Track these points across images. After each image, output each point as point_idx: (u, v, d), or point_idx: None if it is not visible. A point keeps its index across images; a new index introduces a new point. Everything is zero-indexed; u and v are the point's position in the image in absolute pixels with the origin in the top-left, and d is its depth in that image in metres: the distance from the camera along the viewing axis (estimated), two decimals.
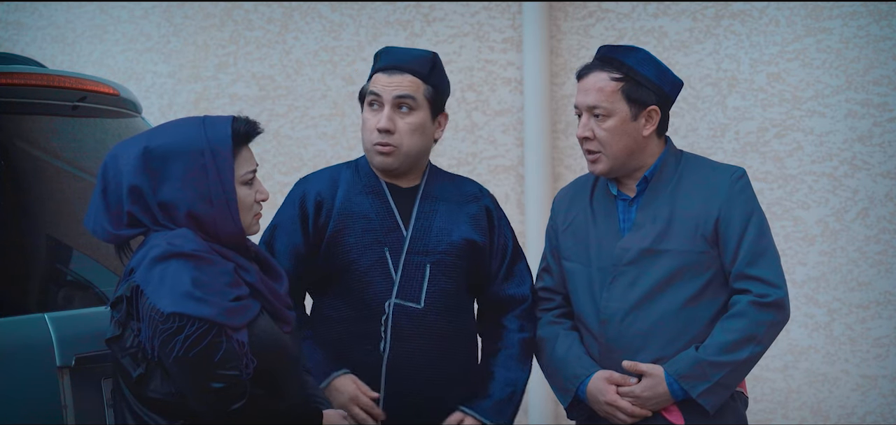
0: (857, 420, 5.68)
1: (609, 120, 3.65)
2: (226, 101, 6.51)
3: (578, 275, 3.76)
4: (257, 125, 3.31)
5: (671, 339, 3.62)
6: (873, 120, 5.63)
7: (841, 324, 5.68)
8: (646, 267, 3.64)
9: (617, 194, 3.74)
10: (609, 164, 3.68)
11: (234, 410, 3.12)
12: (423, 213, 3.79)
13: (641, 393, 3.61)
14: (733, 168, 3.73)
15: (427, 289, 3.74)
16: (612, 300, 3.67)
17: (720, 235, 3.64)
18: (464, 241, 3.78)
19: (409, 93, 3.73)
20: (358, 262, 3.74)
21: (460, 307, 3.81)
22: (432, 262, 3.75)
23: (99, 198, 3.25)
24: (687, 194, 3.67)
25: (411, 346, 3.72)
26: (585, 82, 3.69)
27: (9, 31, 6.89)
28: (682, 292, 3.63)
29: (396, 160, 3.76)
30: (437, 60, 3.81)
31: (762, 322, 3.60)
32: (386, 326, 3.72)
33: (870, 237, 5.64)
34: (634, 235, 3.67)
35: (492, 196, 3.93)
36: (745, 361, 3.60)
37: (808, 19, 5.71)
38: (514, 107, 6.13)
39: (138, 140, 3.26)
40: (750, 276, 3.62)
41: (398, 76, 3.74)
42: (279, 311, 3.33)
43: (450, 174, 3.94)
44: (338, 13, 6.36)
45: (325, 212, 3.79)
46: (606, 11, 5.99)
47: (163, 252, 3.14)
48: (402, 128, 3.73)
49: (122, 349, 3.19)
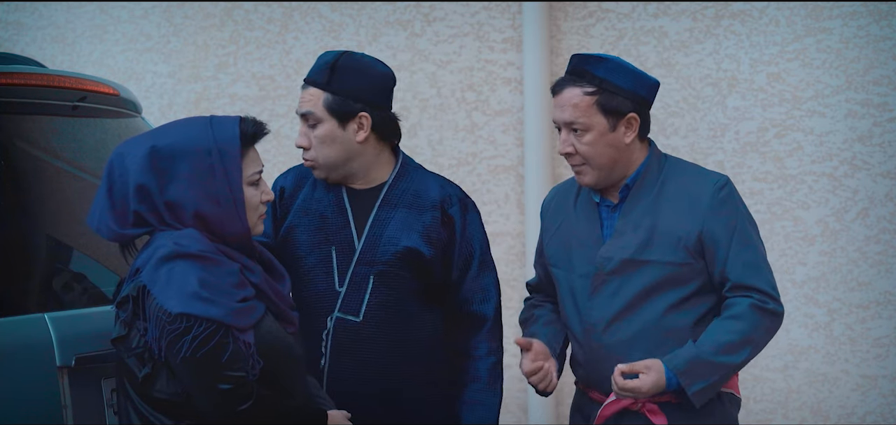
0: (857, 420, 5.68)
1: (588, 134, 3.62)
2: (226, 101, 6.51)
3: (563, 281, 3.76)
4: (264, 126, 3.32)
5: (653, 348, 3.61)
6: (873, 120, 5.63)
7: (841, 324, 5.68)
8: (629, 277, 3.63)
9: (600, 200, 3.73)
10: (595, 176, 3.66)
11: (242, 411, 3.12)
12: (377, 221, 3.71)
13: (642, 387, 3.58)
14: (716, 177, 3.68)
15: (368, 301, 3.66)
16: (595, 309, 3.67)
17: (706, 248, 3.62)
18: (407, 251, 3.67)
19: (307, 109, 3.66)
20: (305, 259, 3.70)
21: (406, 319, 3.69)
22: (376, 273, 3.67)
23: (104, 196, 3.25)
24: (669, 203, 3.65)
25: (348, 361, 3.65)
26: (560, 98, 3.66)
27: (9, 31, 6.89)
28: (665, 302, 3.62)
29: (322, 171, 3.70)
30: (338, 62, 3.67)
31: (760, 326, 3.60)
32: (326, 341, 3.65)
33: (870, 237, 5.64)
34: (616, 243, 3.66)
35: (464, 203, 3.79)
36: (740, 363, 3.61)
37: (808, 19, 5.71)
38: (514, 108, 6.13)
39: (144, 139, 3.26)
40: (747, 286, 3.61)
41: (304, 90, 3.69)
42: (283, 312, 3.33)
43: (423, 173, 3.81)
44: (338, 13, 6.36)
45: (284, 205, 3.78)
46: (606, 11, 5.99)
47: (170, 252, 3.14)
48: (314, 142, 3.68)
49: (128, 349, 3.18)
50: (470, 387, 3.74)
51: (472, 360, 3.75)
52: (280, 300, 3.32)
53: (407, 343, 3.70)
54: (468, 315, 3.76)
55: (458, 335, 3.77)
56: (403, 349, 3.69)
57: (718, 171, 4.02)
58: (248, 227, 3.26)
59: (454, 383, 3.76)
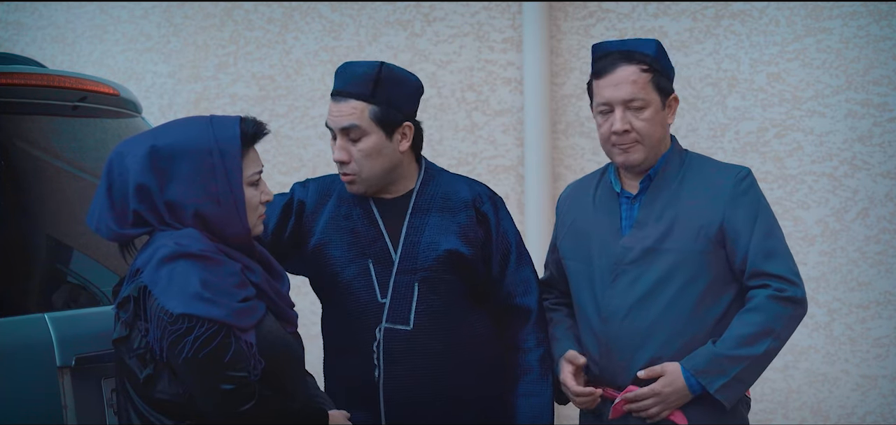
0: (857, 420, 5.68)
1: (646, 110, 3.64)
2: (226, 101, 6.51)
3: (580, 274, 3.75)
4: (264, 126, 3.31)
5: (669, 338, 3.61)
6: (873, 120, 5.63)
7: (841, 324, 5.68)
8: (648, 265, 3.64)
9: (620, 191, 3.74)
10: (645, 154, 3.66)
11: (244, 412, 3.11)
12: (412, 228, 3.71)
13: (662, 390, 3.59)
14: (738, 168, 3.71)
15: (416, 308, 3.66)
16: (614, 297, 3.66)
17: (727, 238, 3.63)
18: (448, 254, 3.68)
19: (351, 122, 3.60)
20: (342, 274, 3.69)
21: (455, 322, 3.71)
22: (420, 280, 3.67)
23: (103, 196, 3.24)
24: (691, 194, 3.66)
25: (403, 369, 3.65)
26: (614, 77, 3.65)
27: (9, 31, 6.89)
28: (683, 291, 3.62)
29: (362, 186, 3.68)
30: (381, 74, 3.63)
31: (781, 316, 3.59)
32: (378, 352, 3.65)
33: (870, 237, 5.64)
34: (637, 233, 3.67)
35: (494, 199, 3.81)
36: (762, 355, 3.59)
37: (808, 19, 5.71)
38: (514, 108, 6.13)
39: (144, 138, 3.25)
40: (766, 273, 3.61)
41: (342, 103, 3.62)
42: (283, 311, 3.33)
43: (449, 176, 3.82)
44: (338, 13, 6.36)
45: (306, 221, 3.75)
46: (606, 11, 5.99)
47: (170, 252, 3.13)
48: (356, 156, 3.63)
49: (130, 350, 3.18)
50: (523, 380, 3.75)
51: (522, 353, 3.76)
52: (280, 300, 3.32)
53: (458, 346, 3.70)
54: (512, 309, 3.78)
55: (505, 330, 3.79)
56: (455, 352, 3.70)
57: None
58: (249, 227, 3.26)
59: (507, 379, 3.78)
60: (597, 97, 3.70)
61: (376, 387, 3.65)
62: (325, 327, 3.81)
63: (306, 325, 3.90)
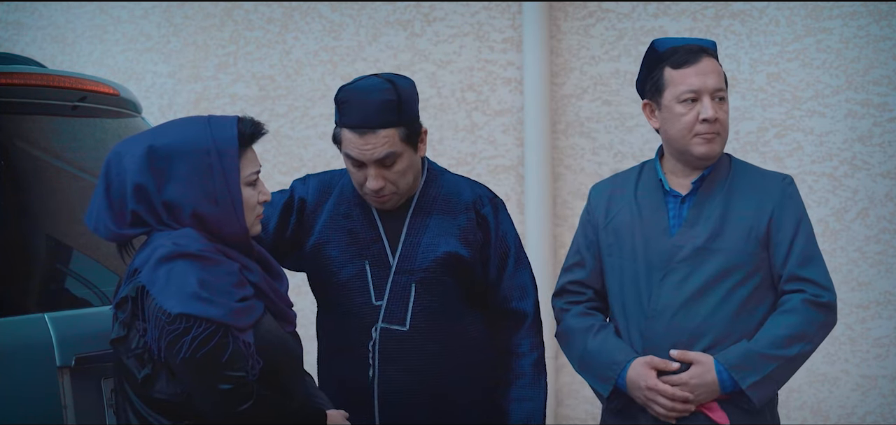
0: (857, 420, 5.68)
1: (725, 103, 3.69)
2: (226, 101, 6.51)
3: (624, 270, 3.73)
4: (262, 126, 3.31)
5: (717, 339, 3.61)
6: (873, 120, 5.63)
7: (841, 324, 5.68)
8: (698, 264, 3.64)
9: (669, 190, 3.74)
10: (721, 147, 3.69)
11: (242, 411, 3.12)
12: (412, 230, 3.70)
13: (689, 380, 3.59)
14: (783, 175, 3.75)
15: (412, 309, 3.66)
16: (663, 295, 3.65)
17: (771, 238, 3.65)
18: (446, 256, 3.67)
19: (387, 151, 3.56)
20: (338, 275, 3.69)
21: (451, 324, 3.70)
22: (417, 281, 3.66)
23: (101, 196, 3.24)
24: (740, 195, 3.69)
25: (398, 370, 3.64)
26: (702, 66, 3.65)
27: (9, 31, 6.89)
28: (732, 292, 3.63)
29: (400, 199, 3.68)
30: (400, 92, 3.59)
31: (814, 321, 3.61)
32: (373, 352, 3.65)
33: (870, 237, 5.65)
34: (688, 232, 3.67)
35: (494, 202, 3.79)
36: (795, 358, 3.60)
37: (808, 19, 5.71)
38: (514, 108, 6.13)
39: (142, 138, 3.25)
40: (802, 277, 3.63)
41: (370, 135, 3.55)
42: (282, 311, 3.33)
43: (450, 176, 3.81)
44: (338, 13, 6.36)
45: (306, 219, 3.75)
46: (606, 11, 5.99)
47: (168, 252, 3.13)
48: (392, 178, 3.60)
49: (128, 350, 3.17)
50: (515, 384, 3.75)
51: (515, 357, 3.76)
52: (279, 299, 3.32)
53: (453, 348, 3.70)
54: (508, 313, 3.77)
55: (500, 334, 3.78)
56: (450, 354, 3.69)
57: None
58: (246, 227, 3.26)
59: (500, 383, 3.78)
60: (680, 85, 3.66)
61: (370, 388, 3.66)
62: (320, 326, 3.81)
63: (305, 325, 3.89)
